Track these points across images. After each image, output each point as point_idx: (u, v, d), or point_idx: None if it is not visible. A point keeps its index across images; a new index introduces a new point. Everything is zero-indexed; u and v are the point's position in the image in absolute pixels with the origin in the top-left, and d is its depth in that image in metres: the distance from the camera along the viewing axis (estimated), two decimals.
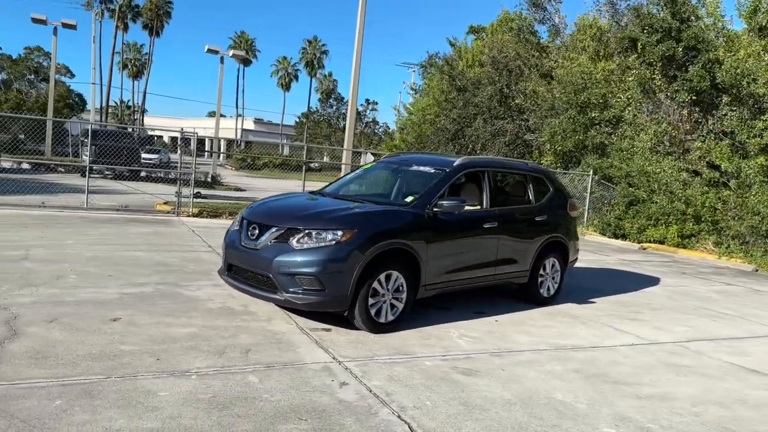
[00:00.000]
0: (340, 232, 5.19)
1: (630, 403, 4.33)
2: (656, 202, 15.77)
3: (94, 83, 52.44)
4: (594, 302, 7.68)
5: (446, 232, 5.97)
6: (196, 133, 15.42)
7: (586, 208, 17.79)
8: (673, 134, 16.87)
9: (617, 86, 18.97)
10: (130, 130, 30.08)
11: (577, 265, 10.88)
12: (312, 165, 27.46)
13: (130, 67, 64.00)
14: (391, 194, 6.69)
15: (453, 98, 25.08)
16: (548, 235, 7.15)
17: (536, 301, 7.21)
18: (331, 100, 68.29)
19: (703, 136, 16.00)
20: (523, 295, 7.24)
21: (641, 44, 16.78)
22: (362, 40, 14.52)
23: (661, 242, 15.27)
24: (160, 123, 72.02)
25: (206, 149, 44.89)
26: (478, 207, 6.57)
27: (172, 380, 3.95)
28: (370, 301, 5.34)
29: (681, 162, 16.43)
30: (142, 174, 23.37)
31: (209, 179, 23.80)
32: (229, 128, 70.63)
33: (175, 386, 3.85)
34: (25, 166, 22.85)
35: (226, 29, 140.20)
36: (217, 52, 27.44)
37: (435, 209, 5.85)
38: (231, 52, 27.51)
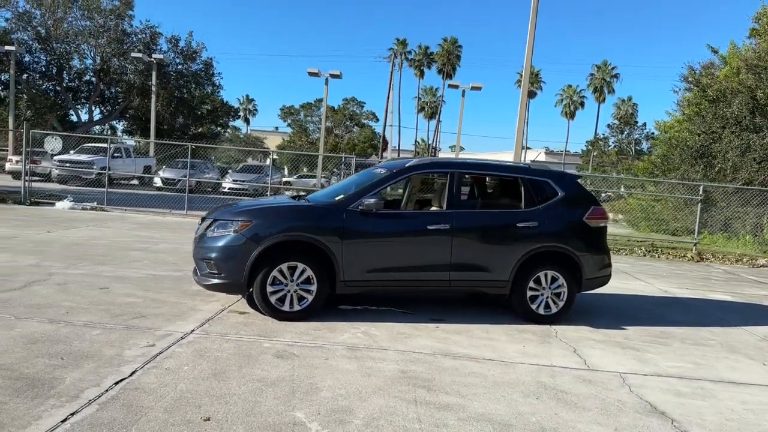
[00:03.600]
0: (238, 224, 5.78)
1: (387, 402, 3.94)
2: None
3: (392, 125, 59.83)
4: (624, 330, 6.43)
5: (372, 230, 5.97)
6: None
7: None
8: None
9: None
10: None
11: (699, 295, 8.87)
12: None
13: (426, 109, 70.58)
14: (341, 194, 6.85)
15: (703, 111, 21.74)
16: (539, 245, 6.32)
17: (529, 317, 6.41)
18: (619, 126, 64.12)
19: None
20: (512, 309, 6.53)
21: None
22: (530, 63, 14.19)
23: None
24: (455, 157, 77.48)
25: None
26: (436, 208, 6.32)
27: (39, 324, 5.08)
28: (270, 288, 5.73)
29: None
30: None
31: None
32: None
33: (33, 327, 4.98)
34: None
35: (515, 65, 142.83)
36: (457, 87, 29.06)
37: (360, 207, 5.94)
38: (470, 85, 28.72)
